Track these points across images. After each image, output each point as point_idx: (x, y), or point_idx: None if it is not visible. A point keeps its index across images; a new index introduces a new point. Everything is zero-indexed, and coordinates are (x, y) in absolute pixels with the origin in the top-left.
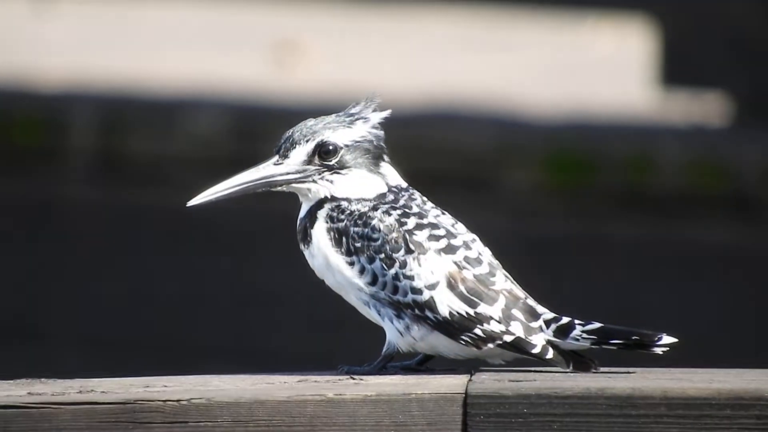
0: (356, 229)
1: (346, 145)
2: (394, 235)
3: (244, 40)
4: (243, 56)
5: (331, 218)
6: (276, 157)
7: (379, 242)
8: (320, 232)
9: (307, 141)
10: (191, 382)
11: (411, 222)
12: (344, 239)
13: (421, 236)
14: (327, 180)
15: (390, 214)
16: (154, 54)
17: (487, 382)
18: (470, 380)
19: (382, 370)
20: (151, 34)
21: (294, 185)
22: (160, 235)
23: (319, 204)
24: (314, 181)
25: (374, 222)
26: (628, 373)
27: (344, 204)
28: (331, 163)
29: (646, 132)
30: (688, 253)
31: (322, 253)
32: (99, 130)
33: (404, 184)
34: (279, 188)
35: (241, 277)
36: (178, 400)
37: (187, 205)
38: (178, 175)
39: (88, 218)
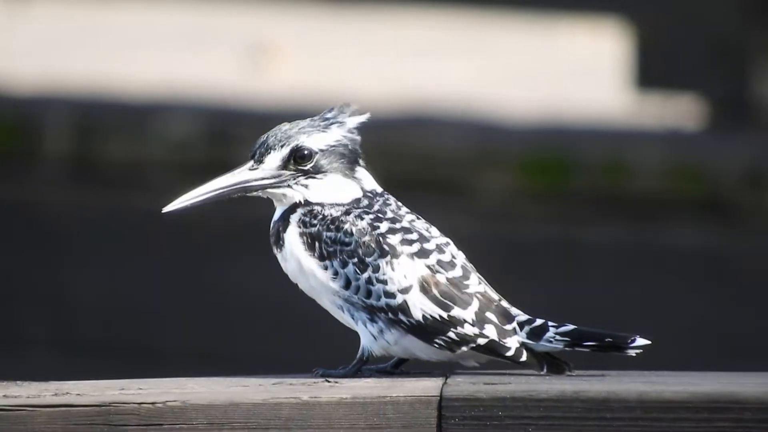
0: (329, 233)
1: (321, 150)
2: (367, 239)
3: (218, 43)
4: (217, 59)
5: (303, 223)
6: (251, 163)
7: (351, 246)
8: (293, 236)
9: (282, 146)
10: (166, 385)
11: (384, 226)
12: (317, 244)
13: (393, 240)
14: (302, 185)
15: (362, 219)
16: (127, 57)
17: (462, 385)
18: (445, 383)
19: (357, 373)
20: (124, 37)
21: (269, 190)
22: (134, 238)
23: (293, 208)
24: (289, 186)
25: (347, 226)
26: (603, 375)
27: (317, 209)
28: (306, 168)
29: (621, 135)
30: (662, 255)
31: (295, 257)
32: (72, 133)
33: (379, 189)
34: (254, 193)
35: (216, 280)
36: (153, 403)
37: (163, 211)
38: (152, 178)
39: (61, 222)
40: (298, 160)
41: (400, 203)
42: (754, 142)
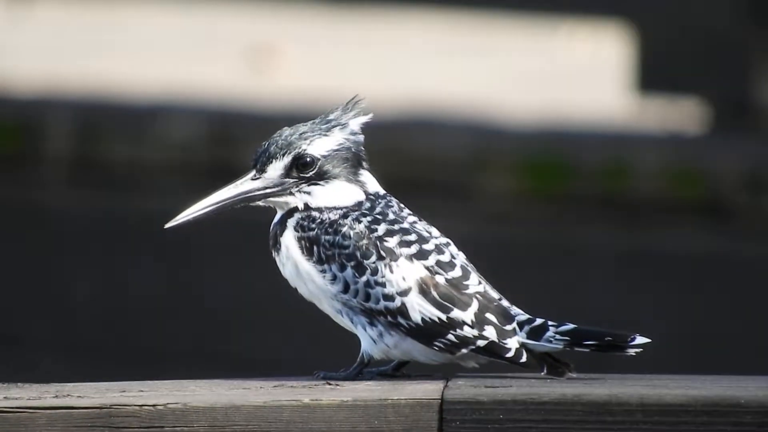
0: (327, 237)
1: (324, 156)
2: (365, 242)
3: (219, 46)
4: (218, 62)
5: (302, 227)
6: (253, 172)
7: (349, 250)
8: (290, 240)
9: (283, 154)
10: (167, 387)
11: (381, 228)
12: (315, 248)
13: (391, 242)
14: (305, 192)
15: (360, 221)
16: (129, 60)
17: (463, 387)
18: (446, 386)
19: (359, 375)
20: (126, 40)
21: (271, 199)
22: (136, 240)
23: (291, 212)
24: (291, 194)
25: (344, 229)
26: (604, 379)
27: (315, 213)
28: (308, 175)
29: (621, 138)
30: (662, 259)
31: (292, 261)
32: (75, 135)
33: (382, 192)
34: (257, 203)
35: (217, 282)
36: (154, 405)
37: (165, 227)
38: (154, 180)
39: (63, 224)
40: (301, 167)
41: (402, 205)
42: (755, 146)
